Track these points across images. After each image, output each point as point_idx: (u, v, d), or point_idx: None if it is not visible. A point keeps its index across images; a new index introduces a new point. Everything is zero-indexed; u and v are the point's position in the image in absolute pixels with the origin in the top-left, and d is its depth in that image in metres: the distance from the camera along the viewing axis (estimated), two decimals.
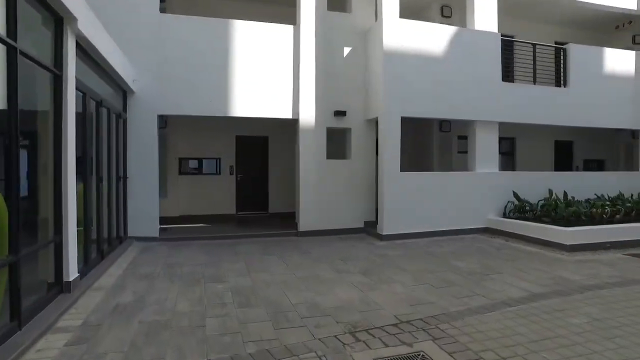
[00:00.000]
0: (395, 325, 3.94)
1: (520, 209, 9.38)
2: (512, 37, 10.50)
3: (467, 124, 9.70)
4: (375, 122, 9.37)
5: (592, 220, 8.45)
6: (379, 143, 8.78)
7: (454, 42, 9.14)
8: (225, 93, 8.64)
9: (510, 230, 8.73)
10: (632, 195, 10.46)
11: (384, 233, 8.49)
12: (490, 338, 3.62)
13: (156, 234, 8.28)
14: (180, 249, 7.52)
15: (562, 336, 3.67)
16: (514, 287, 5.13)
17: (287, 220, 10.18)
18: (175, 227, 9.59)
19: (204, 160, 11.52)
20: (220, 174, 11.57)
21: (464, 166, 10.81)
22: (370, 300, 4.66)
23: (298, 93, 8.91)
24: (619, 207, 9.02)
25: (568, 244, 7.39)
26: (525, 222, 8.64)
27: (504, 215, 9.56)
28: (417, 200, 8.80)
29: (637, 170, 12.01)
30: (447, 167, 11.29)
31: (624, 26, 12.82)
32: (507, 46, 9.87)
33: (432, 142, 11.46)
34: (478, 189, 9.39)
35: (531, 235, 8.15)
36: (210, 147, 11.37)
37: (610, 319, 4.07)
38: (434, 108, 8.95)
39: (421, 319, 4.07)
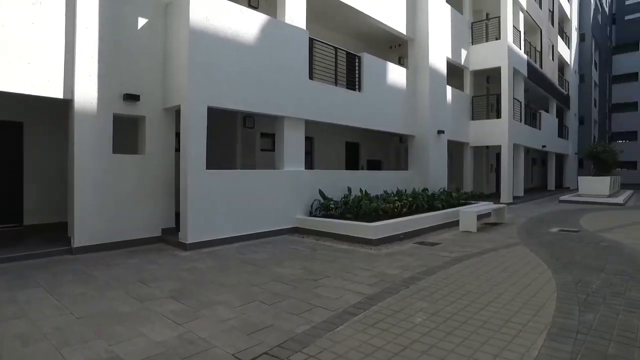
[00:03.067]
0: None
1: (326, 207, 9.52)
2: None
3: (275, 121, 9.29)
4: (176, 112, 7.97)
5: (386, 214, 9.18)
6: (182, 136, 7.43)
7: (267, 32, 8.58)
8: None
9: (320, 229, 8.69)
10: (405, 190, 12.06)
11: (188, 241, 7.20)
12: None
13: None
14: None
15: (416, 341, 3.40)
16: (347, 292, 4.77)
17: (55, 234, 7.72)
18: None
19: None
20: None
21: (267, 165, 10.43)
22: (194, 337, 3.49)
23: (73, 65, 6.69)
24: (404, 201, 10.12)
25: (375, 238, 7.72)
26: (333, 220, 8.74)
27: (311, 214, 9.54)
28: (226, 201, 7.84)
29: (407, 169, 14.03)
30: (251, 165, 10.72)
31: (395, 47, 14.85)
32: (313, 46, 9.91)
33: (236, 139, 10.70)
34: (287, 188, 9.08)
35: (340, 233, 8.25)
36: None
37: (442, 312, 4.07)
38: (244, 100, 8.14)
39: (267, 353, 3.17)
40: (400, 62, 15.33)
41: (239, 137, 10.72)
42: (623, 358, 3.12)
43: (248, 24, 8.21)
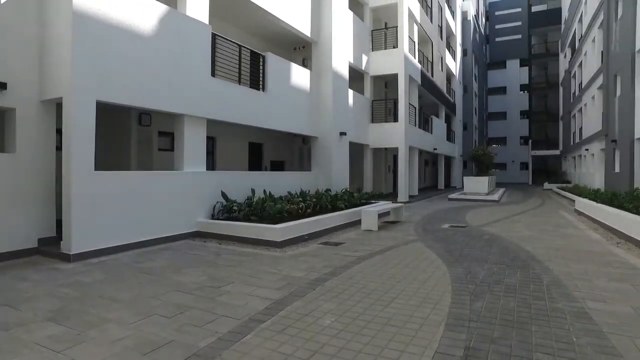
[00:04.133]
0: None
1: (230, 209, 9.18)
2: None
3: (175, 119, 8.70)
4: (57, 105, 7.02)
5: (291, 216, 9.14)
6: (64, 133, 6.56)
7: (166, 24, 7.98)
8: None
9: (223, 233, 8.34)
10: (308, 191, 12.19)
11: (72, 252, 6.38)
12: None
13: None
14: None
15: (326, 344, 3.37)
16: (254, 298, 4.59)
17: None
18: None
19: None
20: None
21: (166, 165, 9.78)
22: None
23: None
24: (308, 202, 10.19)
25: (279, 240, 7.62)
26: (237, 222, 8.44)
27: (213, 217, 9.13)
28: (119, 206, 7.12)
29: (311, 170, 14.20)
30: (147, 166, 9.93)
31: (299, 49, 14.95)
32: (215, 42, 9.48)
33: (130, 137, 9.81)
34: (187, 190, 8.55)
35: (245, 236, 8.01)
36: None
37: (349, 312, 4.11)
38: (139, 95, 7.46)
39: None
40: (304, 63, 15.49)
41: (134, 136, 9.85)
42: (505, 339, 3.45)
43: (145, 14, 7.55)
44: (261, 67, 11.05)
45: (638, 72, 15.45)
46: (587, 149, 25.02)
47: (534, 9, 43.77)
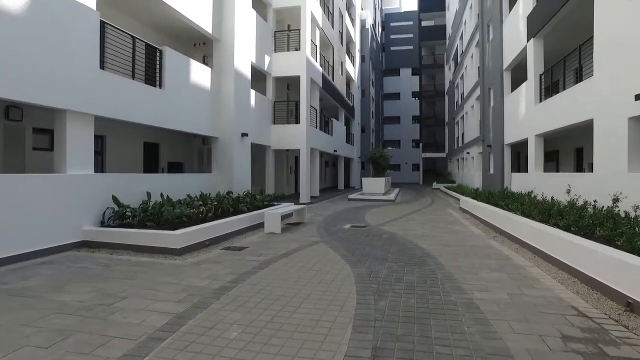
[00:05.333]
0: None
1: (122, 216, 8.41)
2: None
3: (55, 114, 7.69)
4: None
5: (191, 220, 8.70)
6: None
7: (44, 5, 6.98)
8: None
9: (114, 241, 7.60)
10: (209, 194, 11.73)
11: None
12: None
13: None
14: None
15: (233, 358, 3.22)
16: (152, 313, 4.23)
17: None
18: None
19: None
20: None
21: (45, 167, 8.65)
22: None
23: None
24: (209, 205, 9.78)
25: (179, 247, 7.19)
26: (131, 229, 7.76)
27: (104, 224, 8.28)
28: None
29: (211, 172, 13.68)
30: (19, 167, 8.68)
31: (200, 45, 14.30)
32: (105, 31, 8.58)
33: None
34: (71, 195, 7.63)
35: (140, 244, 7.40)
36: None
37: (256, 321, 4.01)
38: (6, 85, 6.44)
39: None
40: (205, 61, 14.87)
41: (0, 132, 8.51)
42: (408, 335, 3.65)
43: None
44: (158, 62, 10.32)
45: (506, 86, 17.68)
46: (468, 152, 27.94)
47: (424, 23, 47.67)
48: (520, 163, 20.98)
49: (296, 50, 17.97)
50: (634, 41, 7.59)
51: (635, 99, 7.22)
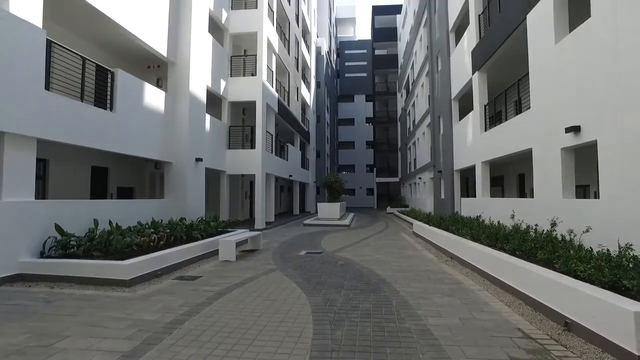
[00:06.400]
0: None
1: (65, 245, 7.92)
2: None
3: None
4: None
5: (142, 249, 8.35)
6: None
7: None
8: None
9: (56, 273, 7.11)
10: (161, 220, 11.35)
11: None
12: None
13: None
14: None
15: None
16: (97, 353, 3.98)
17: None
18: None
19: None
20: None
21: None
22: None
23: None
24: (161, 233, 9.45)
25: (128, 278, 6.86)
26: (75, 260, 7.31)
27: (44, 255, 7.74)
28: None
29: (164, 197, 13.27)
30: None
31: (154, 68, 14.05)
32: (52, 51, 8.25)
33: None
34: (6, 224, 7.10)
35: (85, 276, 6.98)
36: None
37: (210, 357, 3.88)
38: None
39: None
40: (159, 84, 14.60)
41: None
42: None
43: None
44: (109, 84, 10.02)
45: (455, 115, 18.64)
46: (420, 177, 28.89)
47: (377, 52, 49.53)
48: (469, 188, 21.96)
49: (252, 75, 18.08)
50: (560, 80, 8.31)
51: (565, 132, 7.84)
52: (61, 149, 10.25)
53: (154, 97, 12.05)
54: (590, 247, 6.31)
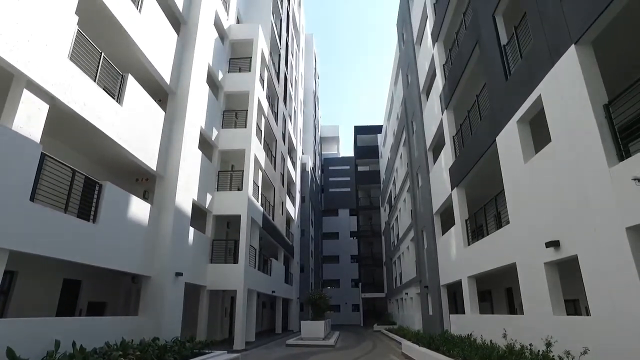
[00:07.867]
0: None
1: None
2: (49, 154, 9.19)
3: None
4: None
5: None
6: None
7: None
8: None
9: None
10: (132, 341, 10.48)
11: None
12: None
13: None
14: None
15: None
16: None
17: None
18: None
19: None
20: None
21: None
22: None
23: None
24: (130, 357, 8.66)
25: None
26: None
27: None
28: None
29: (137, 314, 12.46)
30: None
31: (142, 181, 14.35)
32: (43, 163, 8.40)
33: None
34: None
35: None
36: None
37: None
38: None
39: None
40: (145, 196, 14.77)
41: None
42: None
43: None
44: (96, 196, 10.06)
45: (437, 229, 18.92)
46: (407, 293, 28.10)
47: (360, 168, 52.03)
48: (457, 303, 21.32)
49: (238, 189, 18.49)
50: (535, 195, 8.70)
51: (546, 247, 7.94)
52: (34, 259, 9.83)
53: (139, 209, 12.07)
54: None
